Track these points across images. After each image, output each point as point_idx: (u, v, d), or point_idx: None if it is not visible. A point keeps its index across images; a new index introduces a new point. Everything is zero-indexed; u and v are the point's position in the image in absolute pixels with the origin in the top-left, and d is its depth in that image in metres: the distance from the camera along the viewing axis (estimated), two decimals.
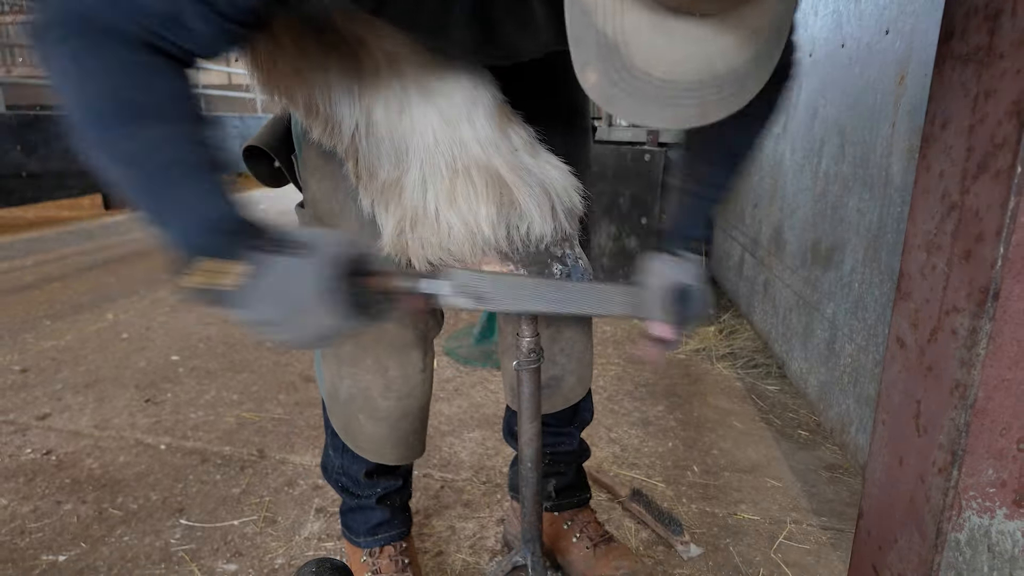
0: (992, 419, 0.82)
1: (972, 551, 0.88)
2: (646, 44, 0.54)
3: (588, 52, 0.56)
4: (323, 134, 0.89)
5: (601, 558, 1.28)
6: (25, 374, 2.34)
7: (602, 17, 0.54)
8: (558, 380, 1.18)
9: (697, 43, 0.53)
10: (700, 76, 0.55)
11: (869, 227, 1.74)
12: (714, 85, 0.55)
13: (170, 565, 1.37)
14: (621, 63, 0.55)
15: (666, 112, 0.57)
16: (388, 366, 1.04)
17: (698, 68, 0.54)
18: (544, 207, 0.94)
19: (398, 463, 1.13)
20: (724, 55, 0.54)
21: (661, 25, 0.53)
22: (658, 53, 0.54)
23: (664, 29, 0.53)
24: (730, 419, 2.07)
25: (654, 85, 0.55)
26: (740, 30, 0.53)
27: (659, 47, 0.54)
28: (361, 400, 1.06)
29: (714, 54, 0.54)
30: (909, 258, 0.97)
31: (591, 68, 0.56)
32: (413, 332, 1.03)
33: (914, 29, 1.55)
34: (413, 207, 0.89)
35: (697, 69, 0.55)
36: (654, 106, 0.56)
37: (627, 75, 0.55)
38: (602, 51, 0.55)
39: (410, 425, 1.10)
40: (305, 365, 2.44)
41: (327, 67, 0.81)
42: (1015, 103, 0.73)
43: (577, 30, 0.56)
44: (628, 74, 0.55)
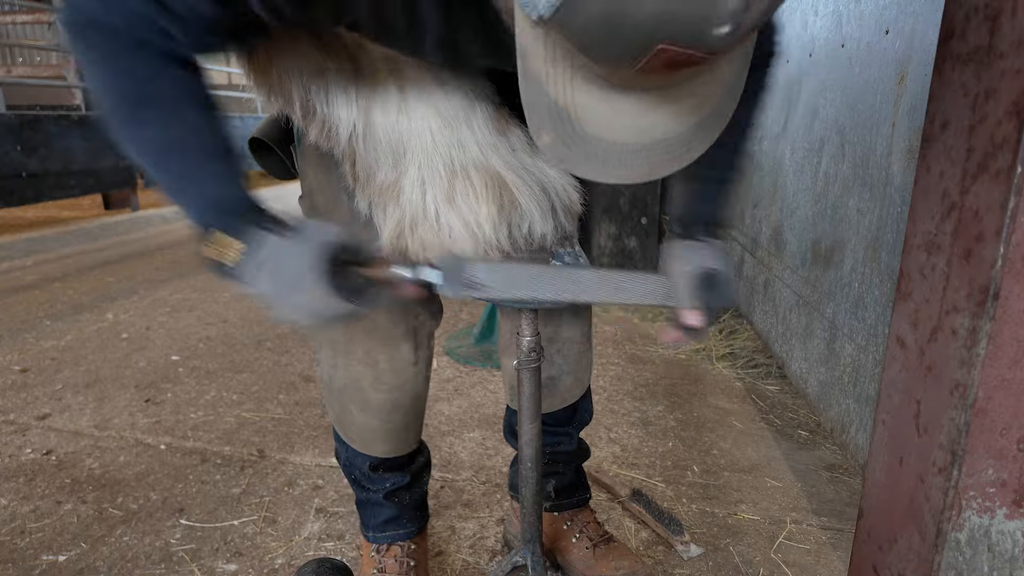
0: (992, 419, 0.82)
1: (972, 551, 0.88)
2: (595, 115, 0.58)
3: (542, 117, 0.59)
4: (320, 136, 0.89)
5: (601, 558, 1.28)
6: (25, 374, 2.34)
7: (553, 87, 0.57)
8: (555, 380, 1.18)
9: (643, 114, 0.58)
10: (647, 140, 0.59)
11: (869, 227, 1.74)
12: (662, 147, 0.60)
13: (170, 565, 1.37)
14: (572, 129, 0.59)
15: (617, 171, 0.61)
16: (378, 359, 1.04)
17: (644, 134, 0.59)
18: (544, 206, 0.94)
19: (388, 456, 1.14)
20: (669, 123, 0.59)
21: (609, 100, 0.57)
22: (605, 122, 0.58)
23: (611, 102, 0.57)
24: (730, 419, 2.07)
25: (604, 148, 0.59)
26: (684, 101, 0.58)
27: (606, 117, 0.58)
28: (352, 391, 1.07)
29: (659, 123, 0.58)
30: (909, 258, 0.97)
31: (545, 131, 0.60)
32: (403, 325, 1.03)
33: (914, 29, 1.55)
34: (412, 209, 0.89)
35: (644, 135, 0.59)
36: (605, 166, 0.60)
37: (579, 139, 0.59)
38: (554, 118, 0.59)
39: (402, 419, 1.10)
40: (305, 365, 2.44)
41: (324, 69, 0.81)
42: (1015, 103, 0.73)
43: (531, 97, 0.59)
44: (580, 139, 0.59)
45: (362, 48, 0.80)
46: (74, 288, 3.48)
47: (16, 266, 4.01)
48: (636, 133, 0.59)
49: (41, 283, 3.59)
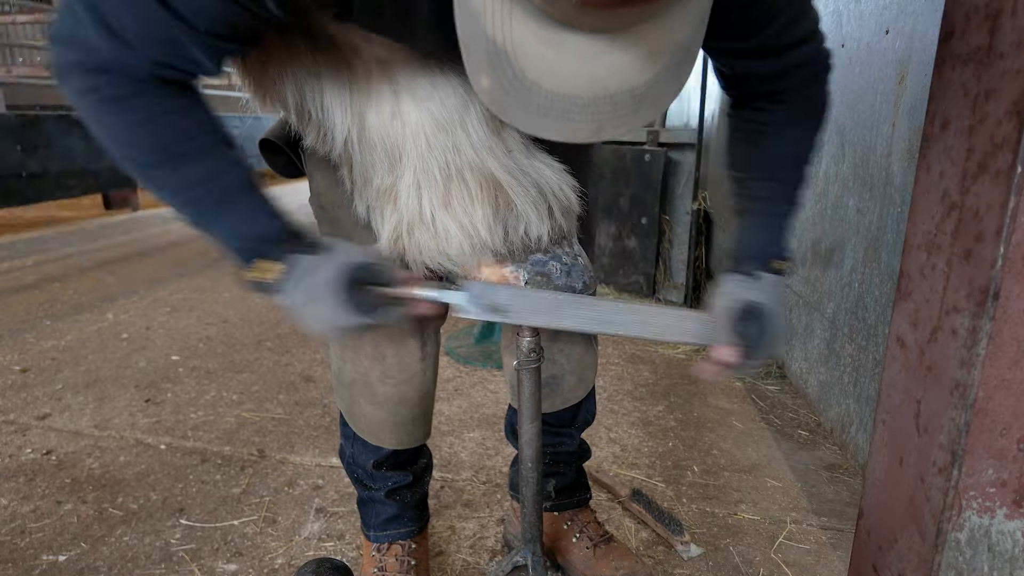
0: (992, 419, 0.82)
1: (972, 551, 0.88)
2: (535, 55, 0.52)
3: (479, 58, 0.54)
4: (316, 140, 0.89)
5: (601, 558, 1.28)
6: (25, 374, 2.34)
7: (491, 24, 0.52)
8: (557, 380, 1.18)
9: (587, 59, 0.52)
10: (593, 92, 0.54)
11: (869, 227, 1.74)
12: (609, 103, 0.54)
13: (170, 565, 1.37)
14: (512, 72, 0.53)
15: (559, 125, 0.55)
16: (386, 354, 1.05)
17: (590, 84, 0.53)
18: (540, 207, 0.94)
19: (397, 447, 1.14)
20: (618, 73, 0.53)
21: (549, 37, 0.51)
22: (547, 65, 0.53)
23: (552, 42, 0.52)
24: (730, 419, 2.07)
25: (545, 97, 0.54)
26: (635, 50, 0.52)
27: (548, 59, 0.52)
28: (361, 384, 1.08)
29: (606, 72, 0.53)
30: (909, 258, 0.97)
31: (483, 74, 0.55)
32: (410, 322, 1.03)
33: (914, 29, 1.55)
34: (409, 212, 0.89)
35: (589, 85, 0.53)
36: (547, 118, 0.55)
37: (518, 84, 0.54)
38: (492, 58, 0.54)
39: (409, 412, 1.11)
40: (305, 365, 2.44)
41: (318, 73, 0.81)
42: (1015, 103, 0.73)
43: (467, 34, 0.54)
44: (519, 83, 0.54)
45: (355, 51, 0.79)
46: (74, 288, 3.48)
47: (16, 266, 4.01)
48: (581, 82, 0.53)
49: (41, 283, 3.59)
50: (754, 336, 0.82)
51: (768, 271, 0.87)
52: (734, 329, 0.83)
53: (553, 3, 0.49)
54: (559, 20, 0.51)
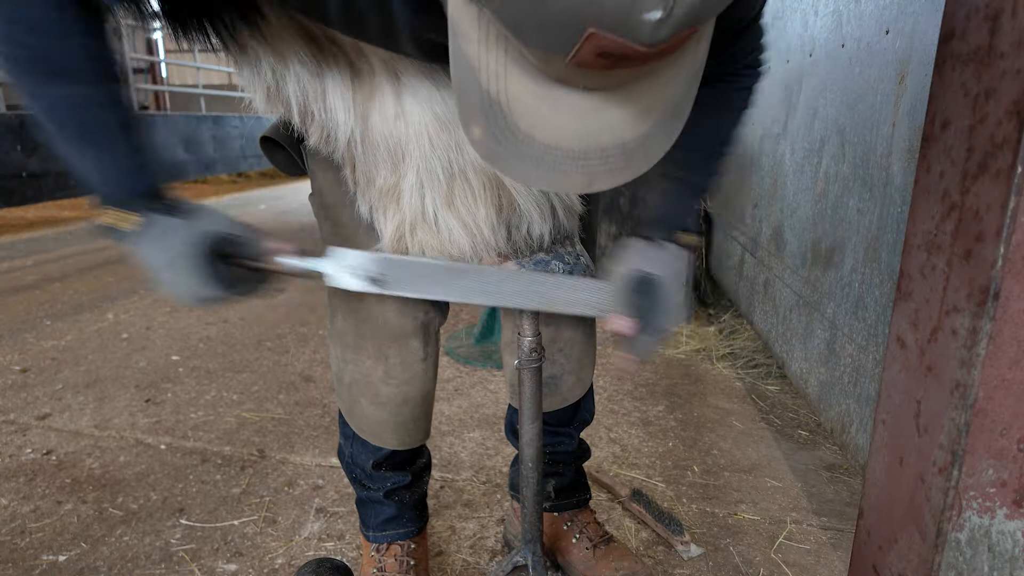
0: (992, 419, 0.82)
1: (972, 551, 0.88)
2: (529, 110, 0.53)
3: (472, 108, 0.55)
4: (319, 141, 0.89)
5: (601, 558, 1.28)
6: (25, 374, 2.34)
7: (486, 77, 0.53)
8: (556, 379, 1.18)
9: (581, 115, 0.53)
10: (584, 146, 0.55)
11: (869, 227, 1.74)
12: (600, 156, 0.55)
13: (170, 565, 1.37)
14: (505, 124, 0.54)
15: (550, 176, 0.56)
16: (388, 354, 1.05)
17: (582, 139, 0.54)
18: (543, 206, 0.94)
19: (398, 448, 1.14)
20: (610, 129, 0.54)
21: (544, 93, 0.52)
22: (541, 119, 0.53)
23: (547, 98, 0.53)
24: (730, 419, 2.07)
25: (537, 149, 0.55)
26: (628, 107, 0.53)
27: (543, 114, 0.53)
28: (363, 384, 1.08)
29: (599, 127, 0.54)
30: (909, 258, 0.97)
31: (476, 124, 0.55)
32: (413, 322, 1.03)
33: (914, 29, 1.55)
34: (412, 212, 0.89)
35: (581, 139, 0.54)
36: (538, 170, 0.56)
37: (511, 136, 0.55)
38: (486, 110, 0.54)
39: (411, 412, 1.11)
40: (305, 365, 2.44)
41: (321, 73, 0.81)
42: (1015, 103, 0.73)
43: (462, 84, 0.55)
44: (512, 136, 0.55)
45: (359, 51, 0.80)
46: (74, 288, 3.48)
47: (16, 266, 4.01)
48: (573, 136, 0.54)
49: (41, 283, 3.59)
50: (647, 307, 0.80)
51: (673, 241, 0.86)
52: (628, 299, 0.81)
53: (548, 63, 0.50)
54: (553, 78, 0.52)
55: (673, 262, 0.84)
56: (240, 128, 7.16)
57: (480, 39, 0.52)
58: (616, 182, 0.57)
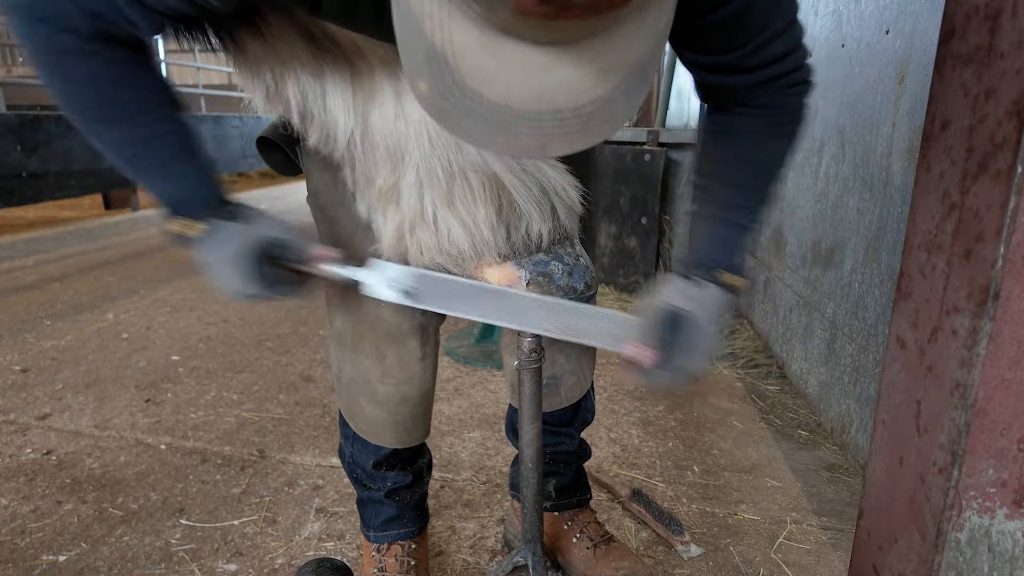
0: (992, 419, 0.82)
1: (972, 551, 0.88)
2: (476, 63, 0.49)
3: (417, 61, 0.51)
4: (319, 141, 0.89)
5: (601, 558, 1.28)
6: (25, 374, 2.34)
7: (429, 26, 0.49)
8: (557, 380, 1.18)
9: (532, 71, 0.49)
10: (538, 106, 0.51)
11: (869, 227, 1.74)
12: (555, 119, 0.51)
13: (170, 565, 1.37)
14: (452, 78, 0.50)
15: (502, 138, 0.52)
16: (386, 354, 1.05)
17: (535, 97, 0.50)
18: (543, 207, 0.94)
19: (396, 447, 1.14)
20: (565, 89, 0.50)
21: (492, 45, 0.48)
22: (490, 74, 0.50)
23: (495, 50, 0.49)
24: (730, 419, 2.07)
25: (487, 107, 0.51)
26: (584, 66, 0.49)
27: (490, 68, 0.49)
28: (361, 384, 1.08)
29: (553, 86, 0.50)
30: (909, 258, 0.97)
31: (421, 78, 0.52)
32: (410, 321, 1.03)
33: (914, 29, 1.55)
34: (411, 212, 0.89)
35: (534, 98, 0.50)
36: (488, 130, 0.52)
37: (458, 92, 0.51)
38: (432, 63, 0.50)
39: (409, 411, 1.11)
40: (305, 365, 2.44)
41: (321, 73, 0.81)
42: (1015, 103, 0.73)
43: (405, 36, 0.51)
44: (459, 91, 0.51)
45: (358, 51, 0.79)
46: (74, 288, 3.48)
47: (16, 266, 4.01)
48: (525, 94, 0.50)
49: (41, 283, 3.59)
50: (670, 343, 0.77)
51: (715, 282, 0.81)
52: (653, 332, 0.78)
53: (491, 9, 0.46)
54: (500, 28, 0.48)
55: (709, 302, 0.80)
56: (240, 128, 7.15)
57: None
58: (573, 148, 0.54)
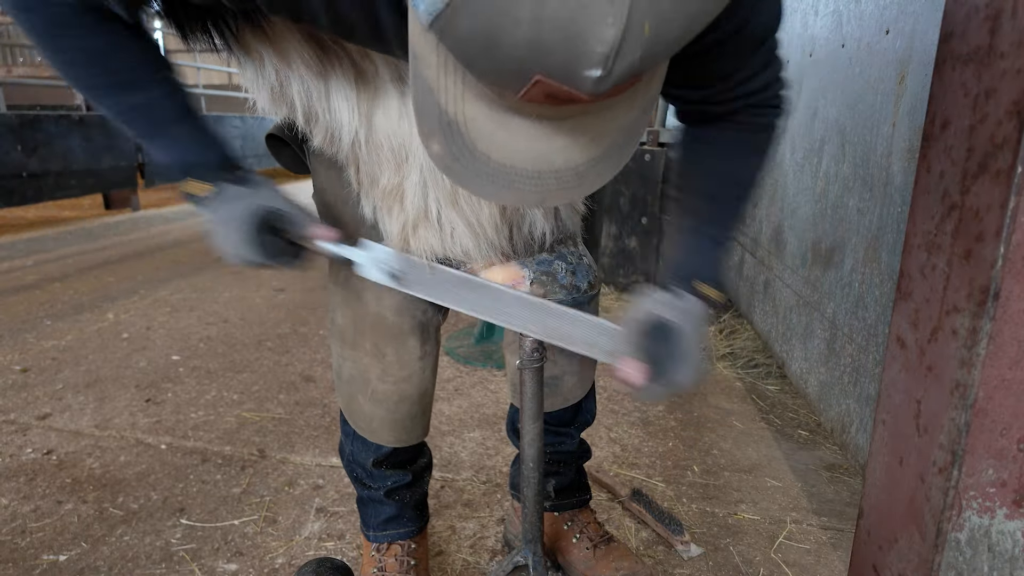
0: (992, 419, 0.82)
1: (972, 551, 0.88)
2: (486, 133, 0.56)
3: (432, 126, 0.57)
4: (324, 141, 0.90)
5: (601, 558, 1.28)
6: (26, 374, 2.35)
7: (444, 99, 0.55)
8: (557, 380, 1.18)
9: (535, 140, 0.55)
10: (538, 167, 0.57)
11: (869, 227, 1.74)
12: (553, 177, 0.57)
13: (170, 565, 1.37)
14: (463, 143, 0.56)
15: (505, 193, 0.59)
16: (385, 352, 1.05)
17: (536, 160, 0.56)
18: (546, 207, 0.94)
19: (395, 445, 1.14)
20: (562, 154, 0.56)
21: (499, 119, 0.55)
22: (496, 142, 0.56)
23: (502, 123, 0.55)
24: (730, 419, 2.07)
25: (493, 168, 0.57)
26: (580, 136, 0.56)
27: (498, 138, 0.56)
28: (360, 382, 1.08)
29: (552, 151, 0.56)
30: (909, 258, 0.97)
31: (435, 140, 0.57)
32: (411, 320, 1.03)
33: (914, 29, 1.55)
34: (415, 211, 0.89)
35: (535, 161, 0.56)
36: (494, 186, 0.58)
37: (468, 154, 0.57)
38: (444, 129, 0.56)
39: (407, 410, 1.11)
40: (305, 365, 2.44)
41: (325, 74, 0.81)
42: (1015, 103, 0.73)
43: (421, 103, 0.57)
44: (470, 154, 0.57)
45: (363, 52, 0.80)
46: (74, 288, 3.48)
47: (16, 266, 4.01)
48: (528, 159, 0.57)
49: (41, 283, 3.58)
50: (660, 356, 0.79)
51: (694, 293, 0.83)
52: (640, 344, 0.79)
53: (501, 96, 0.52)
54: (507, 107, 0.54)
55: (691, 313, 0.82)
56: (241, 128, 7.15)
57: (439, 64, 0.54)
58: (569, 199, 0.61)
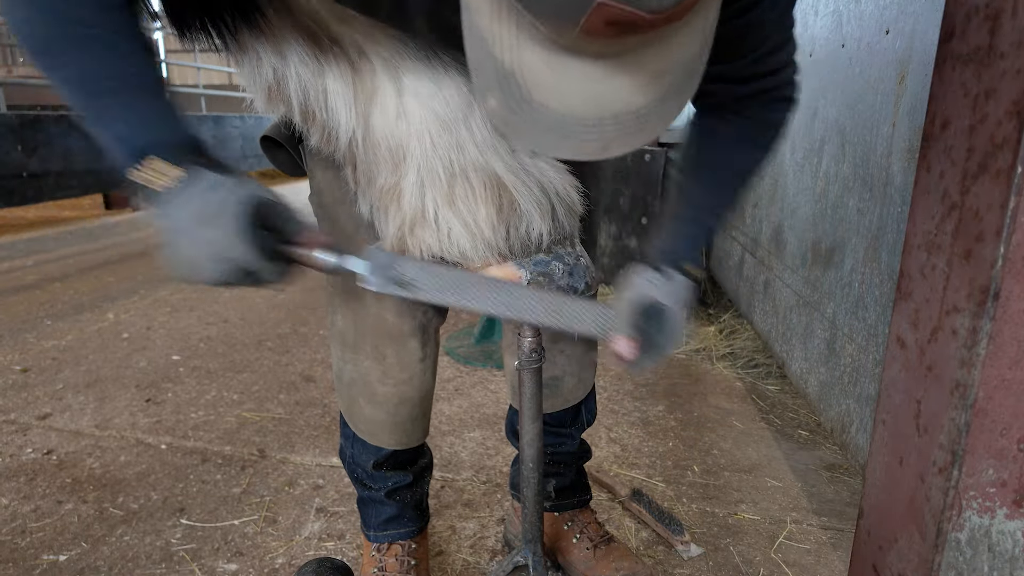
0: (992, 419, 0.82)
1: (972, 551, 0.88)
2: (542, 79, 0.54)
3: (488, 79, 0.56)
4: (320, 140, 0.89)
5: (601, 559, 1.28)
6: (26, 374, 2.35)
7: (499, 48, 0.54)
8: (558, 381, 1.18)
9: (592, 82, 0.54)
10: (598, 113, 0.55)
11: (869, 227, 1.74)
12: (613, 123, 0.56)
13: (171, 565, 1.37)
14: (520, 94, 0.55)
15: (565, 144, 0.57)
16: (386, 354, 1.05)
17: (595, 106, 0.55)
18: (543, 207, 0.94)
19: (395, 448, 1.14)
20: (622, 96, 0.55)
21: (556, 62, 0.53)
22: (554, 88, 0.54)
23: (558, 66, 0.53)
24: (730, 419, 2.07)
25: (552, 117, 0.56)
26: (639, 73, 0.54)
27: (554, 83, 0.54)
28: (361, 384, 1.08)
29: (610, 94, 0.55)
30: (909, 258, 0.97)
31: (491, 95, 0.56)
32: (411, 322, 1.04)
33: (914, 29, 1.55)
34: (412, 211, 0.89)
35: (594, 107, 0.55)
36: (553, 137, 0.57)
37: (526, 105, 0.56)
38: (501, 80, 0.55)
39: (408, 412, 1.11)
40: (305, 365, 2.44)
41: (322, 73, 0.81)
42: (1015, 103, 0.73)
43: (476, 57, 0.56)
44: (527, 104, 0.56)
45: (360, 51, 0.80)
46: (75, 288, 3.48)
47: (16, 266, 4.01)
48: (587, 104, 0.55)
49: (41, 283, 3.59)
50: (652, 333, 0.83)
51: (682, 273, 0.88)
52: (634, 323, 0.83)
53: (559, 32, 0.51)
54: (564, 47, 0.52)
55: (680, 292, 0.87)
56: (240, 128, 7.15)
57: (492, 12, 0.53)
58: (631, 147, 0.58)
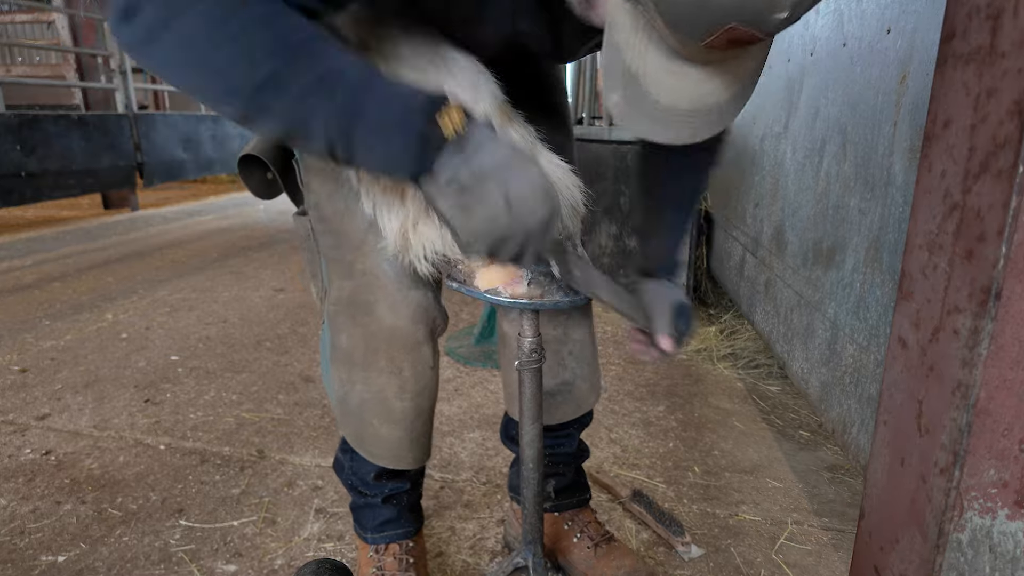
0: (994, 419, 0.81)
1: (974, 552, 0.87)
2: (659, 80, 0.67)
3: (615, 79, 0.68)
4: None
5: (602, 558, 1.28)
6: (24, 374, 2.34)
7: (630, 56, 0.67)
8: (570, 385, 1.17)
9: (697, 83, 0.67)
10: (693, 106, 0.68)
11: (871, 227, 1.73)
12: (703, 113, 0.69)
13: (169, 565, 1.36)
14: (638, 90, 0.68)
15: (665, 131, 0.70)
16: (402, 366, 1.03)
17: (692, 101, 0.68)
18: None
19: (414, 466, 1.13)
20: (712, 93, 0.68)
21: (674, 68, 0.66)
22: (667, 87, 0.67)
23: (676, 70, 0.66)
24: (731, 420, 2.07)
25: (659, 110, 0.68)
26: (726, 76, 0.68)
27: (668, 83, 0.67)
28: (375, 404, 1.06)
29: (706, 92, 0.68)
30: (911, 258, 0.96)
31: (616, 91, 0.68)
32: (425, 328, 1.03)
33: (916, 28, 1.55)
34: (415, 208, 0.89)
35: (693, 101, 0.68)
36: (656, 125, 0.70)
37: (640, 99, 0.68)
38: (626, 80, 0.68)
39: (423, 425, 1.10)
40: (305, 365, 2.44)
41: None
42: (1017, 102, 0.73)
43: (608, 61, 0.68)
44: (642, 100, 0.68)
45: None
46: (73, 288, 3.47)
47: (15, 266, 4.01)
48: (689, 100, 0.68)
49: (40, 283, 3.58)
50: (683, 330, 0.98)
51: (673, 277, 1.06)
52: (673, 322, 0.97)
53: (684, 44, 0.63)
54: (684, 56, 0.65)
55: (682, 295, 1.02)
56: (240, 128, 7.15)
57: (631, 28, 0.65)
58: (711, 133, 0.71)
